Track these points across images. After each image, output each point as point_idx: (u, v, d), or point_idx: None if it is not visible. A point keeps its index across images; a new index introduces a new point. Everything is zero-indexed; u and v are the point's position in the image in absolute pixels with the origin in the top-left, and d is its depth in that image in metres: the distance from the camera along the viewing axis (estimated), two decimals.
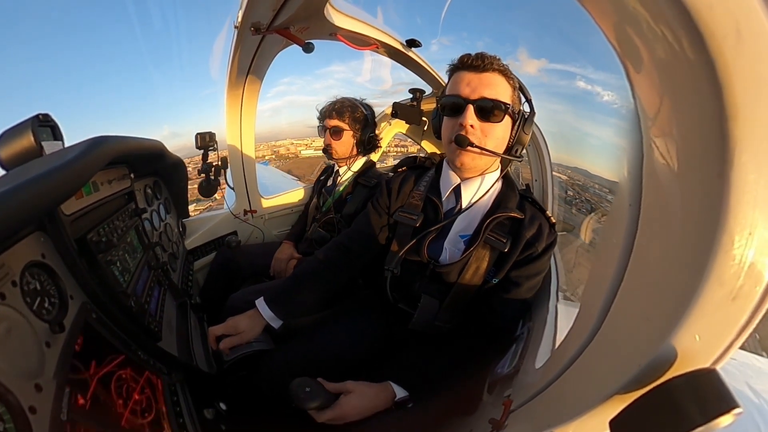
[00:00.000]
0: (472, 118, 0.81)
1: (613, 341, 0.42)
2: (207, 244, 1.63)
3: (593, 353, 0.45)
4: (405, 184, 1.04)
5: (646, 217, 0.38)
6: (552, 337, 0.90)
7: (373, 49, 1.36)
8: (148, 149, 1.01)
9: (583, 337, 0.46)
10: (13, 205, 0.46)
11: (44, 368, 0.44)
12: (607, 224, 0.51)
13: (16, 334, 0.43)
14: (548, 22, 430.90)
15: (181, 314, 1.03)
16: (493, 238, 0.89)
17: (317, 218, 1.59)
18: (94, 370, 0.54)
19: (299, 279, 1.01)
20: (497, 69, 0.82)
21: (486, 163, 0.89)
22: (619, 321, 0.41)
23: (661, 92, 0.34)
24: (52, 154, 0.63)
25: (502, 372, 0.93)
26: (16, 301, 0.47)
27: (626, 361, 0.36)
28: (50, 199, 0.56)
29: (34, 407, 0.39)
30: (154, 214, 1.13)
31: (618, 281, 0.41)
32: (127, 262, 0.82)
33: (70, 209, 0.66)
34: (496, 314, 0.94)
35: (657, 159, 0.36)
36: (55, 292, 0.56)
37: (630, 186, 0.39)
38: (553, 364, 0.58)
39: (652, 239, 0.37)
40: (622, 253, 0.40)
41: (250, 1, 0.88)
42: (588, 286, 0.54)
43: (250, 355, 0.96)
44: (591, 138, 23.36)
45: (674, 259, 0.34)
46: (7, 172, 0.58)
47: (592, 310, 0.45)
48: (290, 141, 49.95)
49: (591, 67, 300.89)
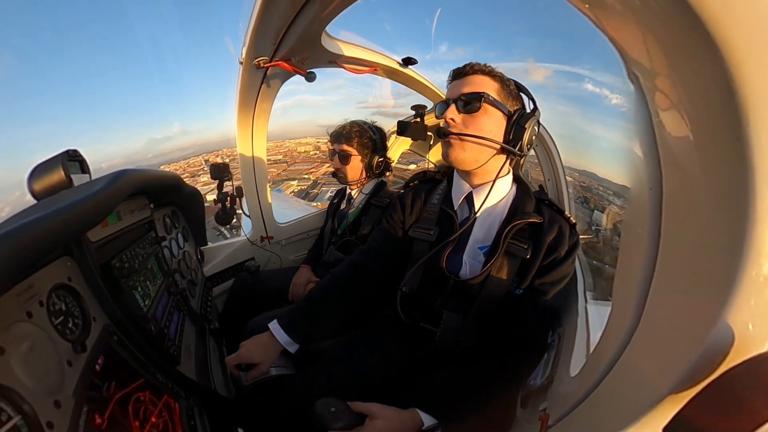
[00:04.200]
0: (453, 112, 0.85)
1: (654, 338, 0.38)
2: (225, 271, 1.66)
3: (634, 353, 0.41)
4: (417, 198, 1.03)
5: (670, 198, 0.35)
6: (585, 341, 0.84)
7: (372, 71, 1.43)
8: (166, 181, 1.07)
9: (620, 337, 0.42)
10: (44, 230, 0.50)
11: (64, 385, 0.45)
12: (629, 215, 0.48)
13: (40, 351, 0.45)
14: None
15: (200, 339, 1.03)
16: (514, 246, 0.86)
17: (333, 241, 1.60)
18: (113, 390, 0.54)
19: (314, 300, 1.00)
20: (478, 70, 0.86)
21: (476, 156, 0.87)
22: (657, 315, 0.37)
23: (655, 55, 0.33)
24: (80, 186, 0.68)
25: (535, 384, 0.86)
26: (42, 320, 0.48)
27: (673, 358, 0.32)
28: (77, 226, 0.60)
29: (51, 422, 0.39)
30: (173, 242, 1.18)
31: (650, 273, 0.37)
32: (147, 287, 0.85)
33: (95, 236, 0.70)
34: (524, 326, 0.88)
35: (670, 133, 0.35)
36: (79, 313, 0.58)
37: (648, 169, 0.37)
38: (591, 371, 0.53)
39: (680, 221, 0.35)
40: (650, 241, 0.37)
41: (252, 37, 0.95)
42: (618, 282, 0.50)
43: (269, 380, 0.93)
44: (596, 137, 22.27)
45: (708, 238, 0.31)
46: (38, 202, 0.63)
47: (626, 307, 0.42)
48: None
49: (587, 55, 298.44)
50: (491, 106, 0.84)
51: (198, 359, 0.93)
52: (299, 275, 1.55)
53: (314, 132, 73.85)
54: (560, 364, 0.80)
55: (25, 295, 0.48)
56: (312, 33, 1.03)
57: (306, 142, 65.47)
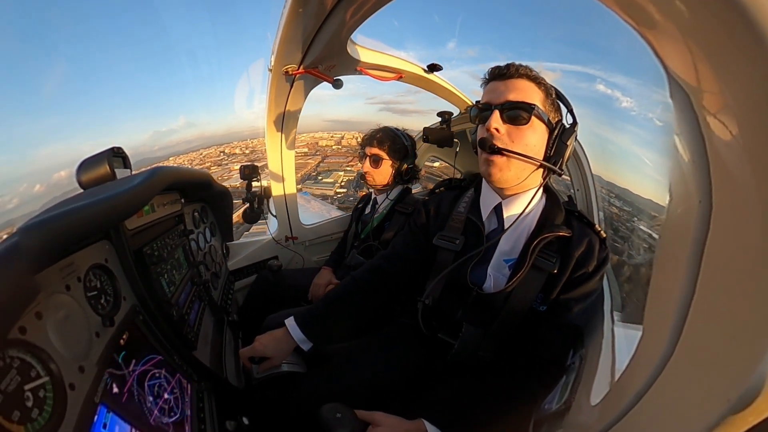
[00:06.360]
0: (497, 121, 0.79)
1: (690, 370, 0.34)
2: (249, 267, 1.74)
3: (665, 386, 0.37)
4: (443, 204, 1.01)
5: (719, 212, 0.31)
6: (610, 366, 0.77)
7: (397, 78, 1.46)
8: (197, 178, 1.16)
9: (651, 365, 0.38)
10: (89, 216, 0.56)
11: (90, 354, 0.50)
12: (667, 230, 0.43)
13: (73, 321, 0.51)
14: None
15: (217, 329, 1.09)
16: (541, 260, 0.82)
17: (356, 245, 1.63)
18: (133, 365, 0.59)
19: (332, 301, 1.00)
20: (524, 75, 0.80)
21: (519, 174, 0.82)
22: (695, 344, 0.34)
23: (696, 59, 0.30)
24: (122, 179, 0.77)
25: (550, 408, 0.81)
26: (78, 294, 0.55)
27: (710, 395, 0.29)
28: (117, 214, 0.67)
29: (73, 384, 0.44)
30: (200, 235, 1.27)
31: (689, 295, 0.34)
32: (173, 275, 0.92)
33: (131, 225, 0.78)
34: (544, 344, 0.84)
35: (720, 138, 0.31)
36: (111, 291, 0.65)
37: (696, 178, 0.33)
38: (614, 401, 0.49)
39: (728, 238, 0.31)
40: (691, 260, 0.34)
41: (281, 45, 1.01)
42: (651, 304, 0.45)
43: (280, 375, 0.95)
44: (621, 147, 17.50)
45: (759, 257, 0.27)
46: (84, 191, 0.71)
47: (661, 333, 0.38)
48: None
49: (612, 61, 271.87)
50: (537, 119, 0.79)
51: (213, 347, 0.99)
52: (320, 276, 1.58)
53: (321, 126, 77.02)
54: (580, 389, 0.74)
55: (66, 270, 0.54)
56: (338, 41, 1.07)
57: (319, 136, 68.26)
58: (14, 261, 0.40)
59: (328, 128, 74.70)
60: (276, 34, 0.97)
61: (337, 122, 31.15)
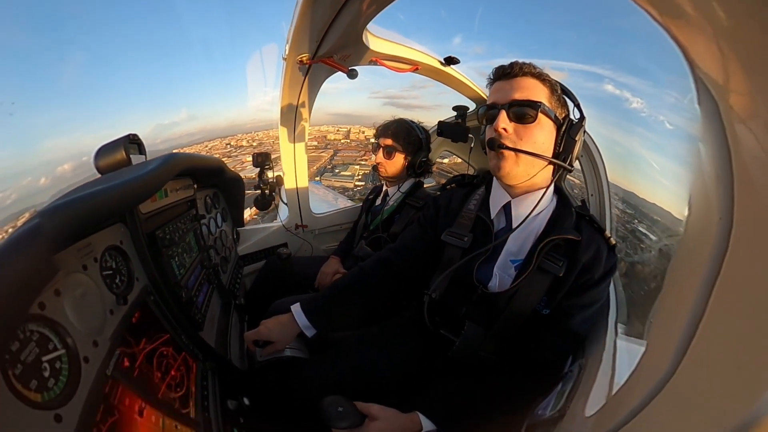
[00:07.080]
0: (505, 121, 0.80)
1: (690, 392, 0.34)
2: (258, 252, 1.78)
3: (662, 405, 0.36)
4: (453, 201, 1.01)
5: (740, 231, 0.30)
6: (608, 379, 0.76)
7: (413, 70, 1.43)
8: (210, 164, 1.19)
9: (651, 383, 0.38)
10: (106, 199, 0.59)
11: (104, 330, 0.54)
12: (684, 245, 0.42)
13: (89, 298, 0.54)
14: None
15: (224, 312, 1.13)
16: (548, 262, 0.81)
17: (365, 236, 1.64)
18: (143, 342, 0.62)
19: (338, 289, 1.02)
20: (528, 72, 0.80)
21: (528, 170, 0.82)
22: (698, 366, 0.33)
23: (728, 61, 0.28)
24: (137, 165, 0.80)
25: (543, 415, 0.81)
26: (95, 273, 0.58)
27: (707, 421, 0.29)
28: (132, 198, 0.70)
29: (87, 357, 0.47)
30: (212, 220, 1.31)
31: (698, 315, 0.33)
32: (184, 258, 0.96)
33: (146, 209, 0.82)
34: (543, 347, 0.84)
35: (747, 150, 0.29)
36: (125, 272, 0.68)
37: (719, 193, 0.31)
38: (609, 414, 0.49)
39: (747, 260, 0.30)
40: (705, 279, 0.33)
41: (295, 34, 1.01)
42: (657, 320, 0.45)
43: (282, 360, 0.98)
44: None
45: None
46: (101, 176, 0.75)
47: (664, 351, 0.37)
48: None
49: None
50: (545, 116, 0.79)
51: (219, 329, 1.03)
52: (328, 265, 1.61)
53: (326, 120, 77.24)
54: (576, 399, 0.73)
55: (84, 251, 0.58)
56: (354, 31, 1.05)
57: (326, 129, 68.33)
58: (36, 241, 0.43)
59: (332, 122, 76.40)
60: (291, 22, 0.97)
61: (341, 116, 31.08)
